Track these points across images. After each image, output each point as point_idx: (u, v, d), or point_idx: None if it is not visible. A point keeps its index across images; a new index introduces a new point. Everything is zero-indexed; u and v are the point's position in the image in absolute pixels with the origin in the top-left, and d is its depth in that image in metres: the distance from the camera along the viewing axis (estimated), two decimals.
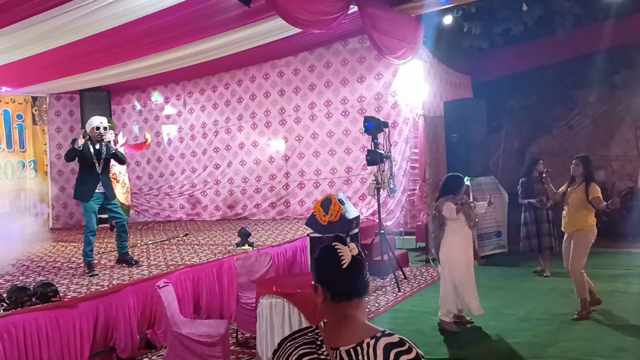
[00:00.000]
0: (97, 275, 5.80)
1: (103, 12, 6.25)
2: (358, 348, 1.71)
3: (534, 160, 7.94)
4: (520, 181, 7.83)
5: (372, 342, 1.70)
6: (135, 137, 12.06)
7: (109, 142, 6.39)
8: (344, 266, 1.78)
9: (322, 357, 1.73)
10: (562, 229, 6.05)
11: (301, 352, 1.75)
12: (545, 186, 6.35)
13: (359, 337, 1.73)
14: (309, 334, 1.81)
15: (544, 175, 6.35)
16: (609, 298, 6.29)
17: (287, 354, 1.78)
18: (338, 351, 1.72)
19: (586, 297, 5.74)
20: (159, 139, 11.91)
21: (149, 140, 9.53)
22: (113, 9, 6.20)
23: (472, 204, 5.68)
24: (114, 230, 8.13)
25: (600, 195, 5.79)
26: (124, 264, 6.25)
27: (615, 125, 11.59)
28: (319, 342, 1.77)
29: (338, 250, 1.79)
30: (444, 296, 5.57)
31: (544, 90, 11.70)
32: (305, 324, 4.34)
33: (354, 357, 1.70)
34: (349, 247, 1.80)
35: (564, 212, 5.97)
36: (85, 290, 5.01)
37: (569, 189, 5.98)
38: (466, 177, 8.44)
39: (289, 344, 1.81)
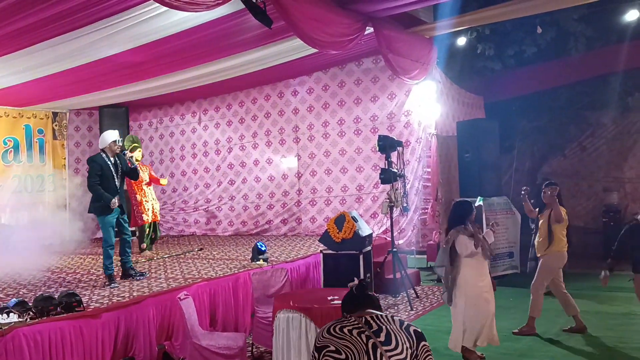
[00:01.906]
0: (117, 286, 5.92)
1: (126, 33, 6.46)
2: (380, 315, 2.31)
3: (542, 181, 8.01)
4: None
5: (389, 315, 2.33)
6: (151, 152, 12.28)
7: (131, 157, 6.52)
8: (354, 290, 2.49)
9: (352, 321, 2.28)
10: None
11: (338, 325, 2.29)
12: (523, 203, 6.43)
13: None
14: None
15: (522, 192, 6.44)
16: (624, 320, 6.32)
17: (332, 332, 2.27)
18: (363, 317, 2.29)
19: (535, 317, 5.99)
20: (173, 154, 12.11)
21: (164, 184, 9.69)
22: (136, 30, 6.41)
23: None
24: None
25: (559, 217, 5.96)
26: (129, 279, 6.28)
27: (628, 147, 11.61)
28: (347, 316, 2.34)
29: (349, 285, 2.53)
30: (457, 331, 5.23)
31: (557, 111, 11.77)
32: None
33: (377, 320, 2.28)
34: (355, 280, 2.53)
35: (536, 237, 6.23)
36: (107, 301, 5.13)
37: (539, 215, 6.22)
38: (479, 197, 8.55)
39: (326, 332, 2.28)
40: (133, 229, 8.43)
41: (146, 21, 6.16)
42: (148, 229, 8.74)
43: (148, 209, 8.68)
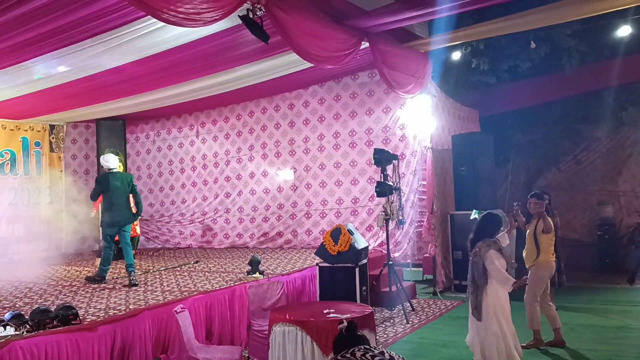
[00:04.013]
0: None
1: (124, 47, 6.54)
2: (374, 347, 2.46)
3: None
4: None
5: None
6: (149, 165, 12.32)
7: None
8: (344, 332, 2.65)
9: (352, 349, 2.33)
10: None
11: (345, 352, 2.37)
12: (517, 218, 6.41)
13: None
14: None
15: (515, 209, 6.45)
16: (618, 334, 6.34)
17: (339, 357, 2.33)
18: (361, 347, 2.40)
19: (538, 329, 5.98)
20: (172, 167, 12.14)
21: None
22: (133, 44, 6.48)
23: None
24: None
25: (548, 227, 5.98)
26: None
27: (622, 161, 11.70)
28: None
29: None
30: (489, 349, 4.80)
31: (551, 125, 11.88)
32: (317, 352, 4.43)
33: (374, 349, 2.35)
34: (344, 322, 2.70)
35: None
36: (103, 314, 5.13)
37: (526, 226, 6.27)
38: (474, 210, 8.59)
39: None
40: None
41: (144, 36, 6.23)
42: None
43: None
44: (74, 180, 11.61)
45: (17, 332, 4.21)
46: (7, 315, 4.53)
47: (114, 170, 7.34)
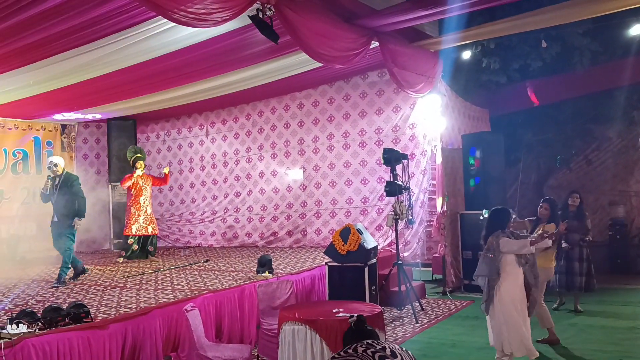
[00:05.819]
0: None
1: (134, 48, 6.56)
2: (380, 341, 2.36)
3: (569, 193, 7.84)
4: None
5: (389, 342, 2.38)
6: (159, 164, 12.39)
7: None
8: (353, 325, 2.69)
9: (355, 345, 2.26)
10: None
11: (344, 349, 2.28)
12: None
13: None
14: None
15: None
16: (629, 335, 6.31)
17: (339, 353, 2.24)
18: (365, 341, 2.32)
19: (549, 327, 6.02)
20: (182, 166, 12.20)
21: (167, 172, 9.81)
22: (144, 45, 6.51)
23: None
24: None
25: (549, 231, 5.93)
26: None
27: (634, 160, 11.61)
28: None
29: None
30: (497, 337, 5.04)
31: (562, 124, 11.80)
32: (327, 351, 4.45)
33: (378, 343, 2.28)
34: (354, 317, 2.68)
35: None
36: (114, 312, 5.18)
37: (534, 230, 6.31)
38: (484, 210, 8.55)
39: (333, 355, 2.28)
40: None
41: (154, 36, 6.26)
42: (132, 240, 9.07)
43: (136, 222, 8.95)
44: (86, 179, 11.67)
45: (30, 330, 4.26)
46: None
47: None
